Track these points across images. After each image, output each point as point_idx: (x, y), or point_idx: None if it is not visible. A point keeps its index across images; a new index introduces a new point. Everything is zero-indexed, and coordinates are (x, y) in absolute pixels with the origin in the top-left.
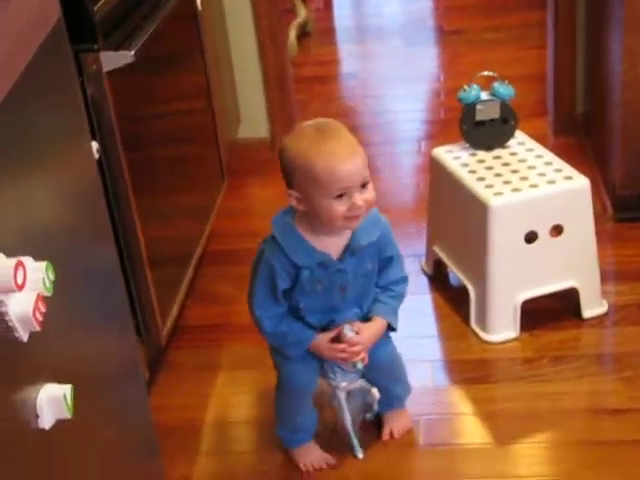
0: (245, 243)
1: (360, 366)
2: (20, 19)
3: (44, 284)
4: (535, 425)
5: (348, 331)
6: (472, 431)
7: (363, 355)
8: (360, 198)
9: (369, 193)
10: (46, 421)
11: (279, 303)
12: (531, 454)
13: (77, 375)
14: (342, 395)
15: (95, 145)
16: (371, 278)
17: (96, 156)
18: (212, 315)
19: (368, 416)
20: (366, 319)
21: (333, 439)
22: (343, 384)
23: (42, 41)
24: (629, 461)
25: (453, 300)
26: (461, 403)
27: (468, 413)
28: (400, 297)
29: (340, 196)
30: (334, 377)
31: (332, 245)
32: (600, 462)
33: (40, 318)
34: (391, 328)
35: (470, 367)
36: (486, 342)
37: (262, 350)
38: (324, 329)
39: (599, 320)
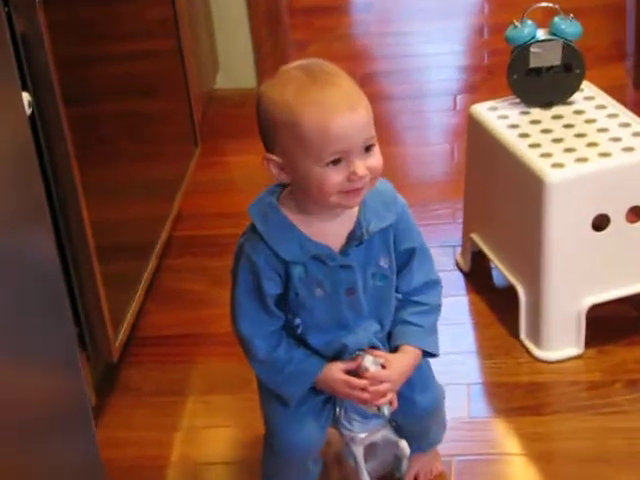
0: (223, 227)
1: (387, 412)
2: None
3: None
4: (604, 471)
5: (371, 364)
6: (521, 478)
7: (391, 396)
8: (362, 165)
9: (375, 159)
10: None
11: (272, 315)
12: None
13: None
14: (360, 450)
15: (27, 97)
16: (389, 279)
17: (28, 111)
18: (179, 322)
19: (397, 476)
20: (390, 349)
21: None
22: (361, 435)
23: None
24: None
25: (497, 305)
26: (506, 441)
27: (515, 454)
28: (435, 310)
29: (335, 162)
30: (349, 426)
31: (331, 233)
32: None
33: None
34: (429, 353)
35: (519, 393)
36: (540, 360)
37: (245, 367)
38: (334, 357)
39: None
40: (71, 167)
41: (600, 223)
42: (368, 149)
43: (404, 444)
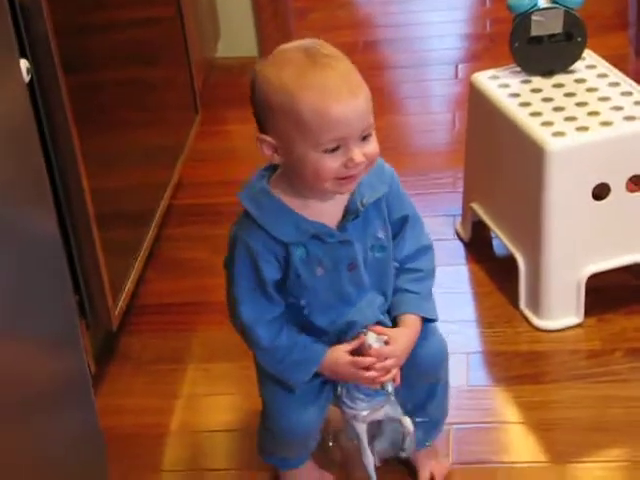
0: (224, 196)
1: (390, 388)
2: None
3: None
4: (602, 439)
5: (374, 341)
6: (519, 446)
7: (395, 372)
8: (359, 153)
9: (372, 145)
10: None
11: (273, 302)
12: (598, 475)
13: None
14: (362, 428)
15: (25, 64)
16: (387, 250)
17: (26, 78)
18: (180, 290)
19: (403, 455)
20: (392, 317)
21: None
22: (364, 413)
23: None
24: None
25: (497, 274)
26: (505, 409)
27: (514, 422)
28: (429, 276)
29: (333, 149)
30: (352, 404)
31: (326, 211)
32: None
33: None
34: (429, 319)
35: (518, 362)
36: (540, 329)
37: None
38: (339, 338)
39: None
40: (70, 135)
41: (600, 192)
42: (365, 138)
43: (408, 421)
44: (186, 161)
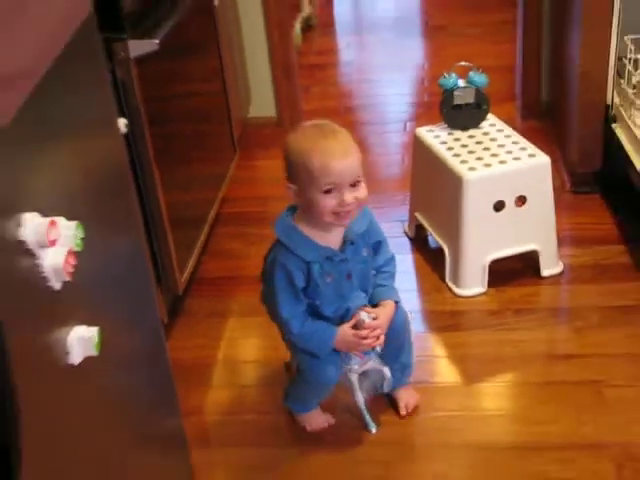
0: (253, 207)
1: (378, 348)
2: (58, 7)
3: (74, 241)
4: (499, 367)
5: (366, 317)
6: (445, 372)
7: (382, 338)
8: (350, 195)
9: (360, 191)
10: (75, 357)
11: (300, 302)
12: (495, 392)
13: (103, 319)
14: (355, 377)
15: (123, 121)
16: (368, 263)
17: (124, 131)
18: (224, 268)
19: (381, 392)
20: (372, 305)
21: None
22: (356, 366)
23: (76, 29)
24: (575, 398)
25: (431, 259)
26: (436, 348)
27: (442, 356)
28: (394, 275)
29: (329, 191)
30: (349, 362)
31: (331, 238)
32: (552, 399)
33: (70, 270)
34: (395, 302)
35: (444, 317)
36: (458, 296)
37: None
38: (341, 320)
39: (555, 279)
40: (152, 167)
41: (498, 206)
42: (355, 185)
43: (386, 369)
44: (228, 184)
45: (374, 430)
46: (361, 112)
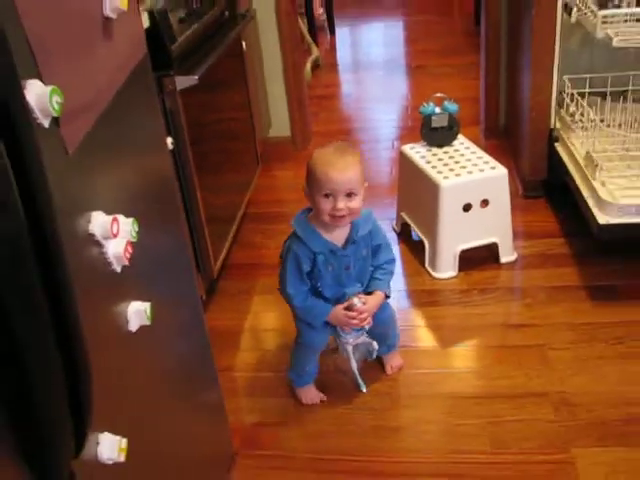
0: (272, 208)
1: (366, 327)
2: (120, 49)
3: (131, 234)
4: (466, 335)
5: (357, 302)
6: (424, 338)
7: (369, 319)
8: (343, 203)
9: (354, 202)
10: (133, 326)
11: (305, 282)
12: (463, 354)
13: (154, 295)
14: (349, 348)
15: (170, 140)
16: (367, 261)
17: (170, 147)
18: (249, 257)
19: (369, 360)
20: (367, 292)
21: (331, 381)
22: (351, 340)
23: (134, 68)
24: (525, 358)
25: (413, 250)
26: (417, 319)
27: (422, 326)
28: (391, 273)
29: (327, 195)
30: (345, 336)
31: (337, 236)
32: (506, 359)
33: (128, 256)
34: (387, 296)
35: (424, 295)
36: (435, 278)
37: None
38: (337, 302)
39: (511, 265)
40: (193, 176)
41: (467, 207)
42: (350, 195)
43: (375, 344)
44: (253, 190)
45: (364, 389)
46: (359, 133)
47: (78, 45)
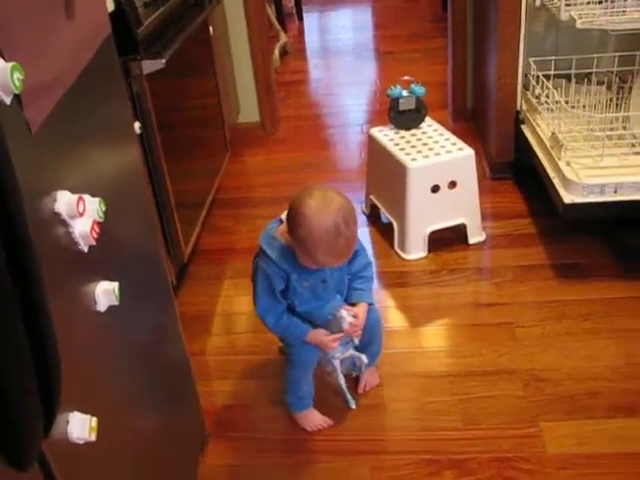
0: (241, 193)
1: (356, 341)
2: (82, 29)
3: (98, 213)
4: (436, 314)
5: (347, 315)
6: (395, 318)
7: (360, 332)
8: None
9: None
10: (101, 306)
11: (279, 301)
12: (433, 333)
13: (123, 276)
14: (337, 362)
15: (137, 124)
16: (343, 269)
17: (138, 132)
18: (219, 242)
19: (354, 374)
20: (349, 304)
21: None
22: (338, 354)
23: (98, 49)
24: (494, 336)
25: (382, 232)
26: (388, 300)
27: (393, 306)
28: (370, 279)
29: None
30: (333, 352)
31: None
32: (476, 337)
33: (95, 236)
34: (370, 303)
35: (394, 276)
36: (404, 260)
37: None
38: (315, 315)
39: (479, 245)
40: (161, 162)
41: (435, 189)
42: None
43: (364, 357)
44: (223, 175)
45: (353, 406)
46: (327, 118)
47: (40, 23)
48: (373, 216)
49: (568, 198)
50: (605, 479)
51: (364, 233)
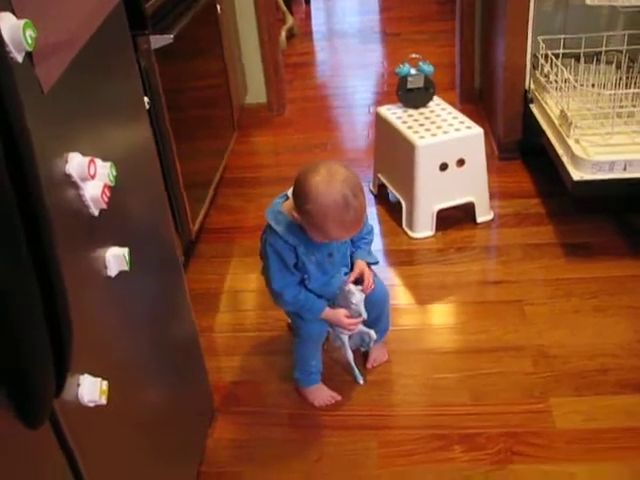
0: (248, 173)
1: (365, 316)
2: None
3: (109, 177)
4: (444, 292)
5: (355, 290)
6: (403, 296)
7: (372, 284)
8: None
9: None
10: (112, 271)
11: (293, 273)
12: (441, 310)
13: (134, 242)
14: (346, 338)
15: (146, 99)
16: (348, 244)
17: (147, 107)
18: (227, 220)
19: (362, 350)
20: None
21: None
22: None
23: (107, 17)
24: (502, 313)
25: (390, 210)
26: (396, 278)
27: (400, 284)
28: (370, 242)
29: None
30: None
31: None
32: (484, 315)
33: (106, 200)
34: (375, 262)
35: (402, 255)
36: (412, 238)
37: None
38: (325, 294)
39: (487, 224)
40: (170, 140)
41: (443, 167)
42: None
43: (372, 333)
44: (229, 155)
45: (361, 382)
46: (334, 99)
47: None
48: (381, 195)
49: (577, 175)
50: (613, 454)
51: (372, 212)
